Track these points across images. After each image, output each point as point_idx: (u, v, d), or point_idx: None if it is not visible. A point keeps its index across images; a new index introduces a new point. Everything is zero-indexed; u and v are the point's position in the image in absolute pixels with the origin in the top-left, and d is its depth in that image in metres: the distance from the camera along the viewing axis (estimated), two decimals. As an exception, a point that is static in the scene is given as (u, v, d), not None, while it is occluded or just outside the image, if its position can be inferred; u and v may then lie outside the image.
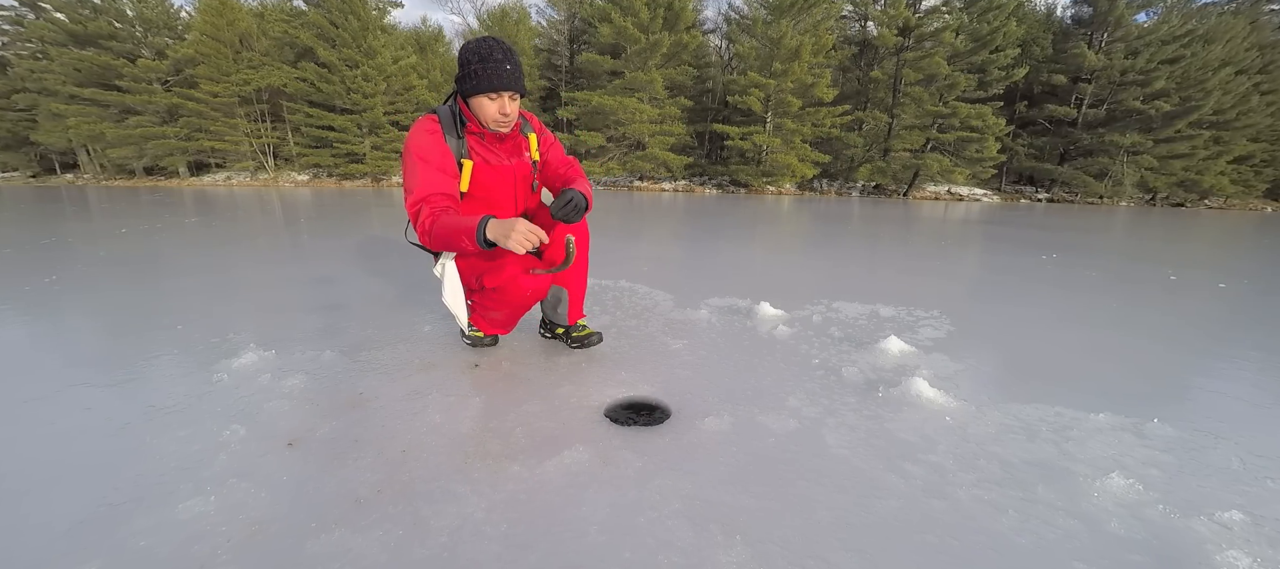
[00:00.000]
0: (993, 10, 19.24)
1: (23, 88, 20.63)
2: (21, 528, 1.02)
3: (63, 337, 2.18)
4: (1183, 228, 9.47)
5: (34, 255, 3.98)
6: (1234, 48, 19.32)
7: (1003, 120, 19.69)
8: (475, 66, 1.57)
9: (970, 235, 6.85)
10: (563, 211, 1.59)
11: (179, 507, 1.07)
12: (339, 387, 1.66)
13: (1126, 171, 20.23)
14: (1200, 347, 2.34)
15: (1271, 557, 0.99)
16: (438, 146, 1.62)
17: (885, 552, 0.99)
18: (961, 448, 1.36)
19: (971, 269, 4.31)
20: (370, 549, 0.97)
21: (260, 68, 18.64)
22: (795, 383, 1.75)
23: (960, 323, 2.51)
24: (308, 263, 3.83)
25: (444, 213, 1.54)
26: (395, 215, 7.53)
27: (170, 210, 8.12)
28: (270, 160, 20.65)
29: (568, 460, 1.26)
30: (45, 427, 1.40)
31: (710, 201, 13.62)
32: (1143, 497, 1.16)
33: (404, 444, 1.33)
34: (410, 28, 23.29)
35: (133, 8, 19.91)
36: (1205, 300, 3.30)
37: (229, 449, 1.29)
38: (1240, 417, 1.60)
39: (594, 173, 20.67)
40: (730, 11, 23.80)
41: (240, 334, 2.13)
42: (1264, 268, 4.68)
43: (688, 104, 21.03)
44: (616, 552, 0.98)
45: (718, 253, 4.59)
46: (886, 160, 20.63)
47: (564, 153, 1.92)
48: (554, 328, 2.10)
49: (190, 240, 4.87)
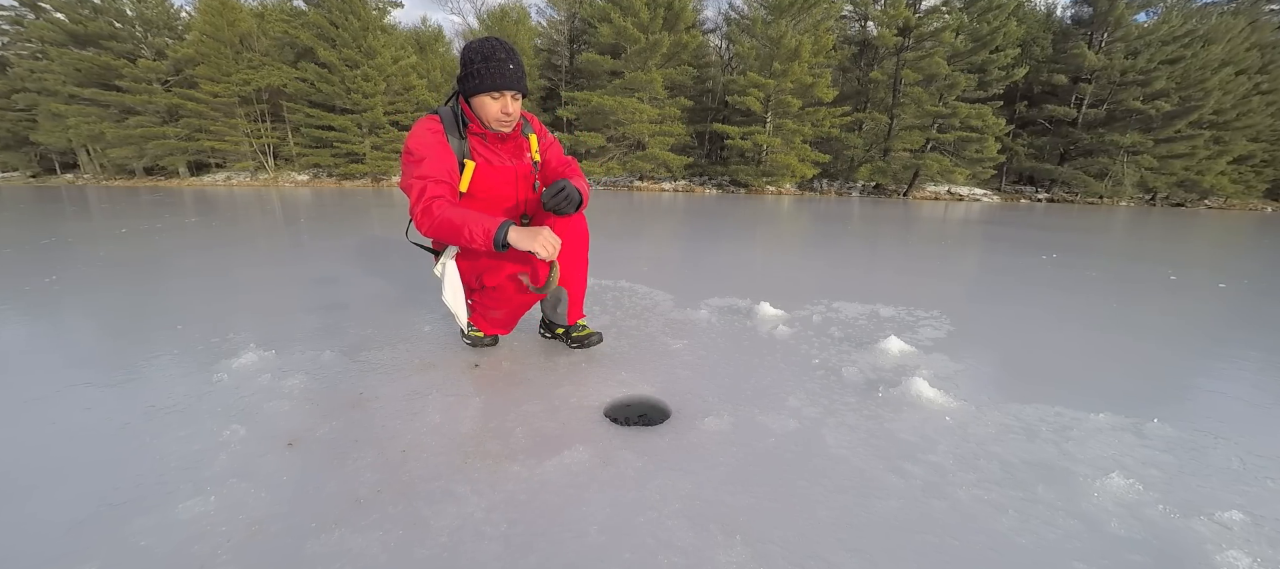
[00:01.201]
0: (993, 10, 19.24)
1: (23, 88, 20.64)
2: (22, 528, 1.02)
3: (63, 337, 2.18)
4: (1183, 228, 9.47)
5: (34, 255, 3.98)
6: (1234, 48, 19.32)
7: (1003, 120, 19.70)
8: (478, 66, 1.57)
9: (970, 235, 6.85)
10: (554, 201, 1.60)
11: (179, 507, 1.07)
12: (339, 387, 1.66)
13: (1126, 171, 20.24)
14: (1200, 347, 2.34)
15: (1271, 557, 0.99)
16: (439, 144, 1.62)
17: (885, 552, 0.99)
18: (961, 448, 1.36)
19: (971, 269, 4.31)
20: (370, 549, 0.97)
21: (260, 68, 18.64)
22: (795, 383, 1.75)
23: (960, 323, 2.51)
24: (308, 263, 3.83)
25: (448, 201, 1.54)
26: (395, 216, 7.53)
27: (170, 210, 8.12)
28: (270, 160, 20.65)
29: (568, 460, 1.26)
30: (45, 427, 1.40)
31: (710, 201, 13.62)
32: (1143, 497, 1.16)
33: (404, 444, 1.33)
34: (410, 28, 23.33)
35: (133, 8, 19.91)
36: (1205, 300, 3.30)
37: (229, 449, 1.29)
38: (1240, 417, 1.60)
39: (594, 173, 20.67)
40: (730, 11, 23.82)
41: (240, 334, 2.13)
42: (1264, 268, 4.68)
43: (688, 104, 21.03)
44: (616, 552, 0.98)
45: (718, 253, 4.59)
46: (886, 160, 20.63)
47: (563, 153, 1.92)
48: (554, 328, 2.10)
49: (190, 240, 4.86)
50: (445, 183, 1.58)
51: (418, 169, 1.57)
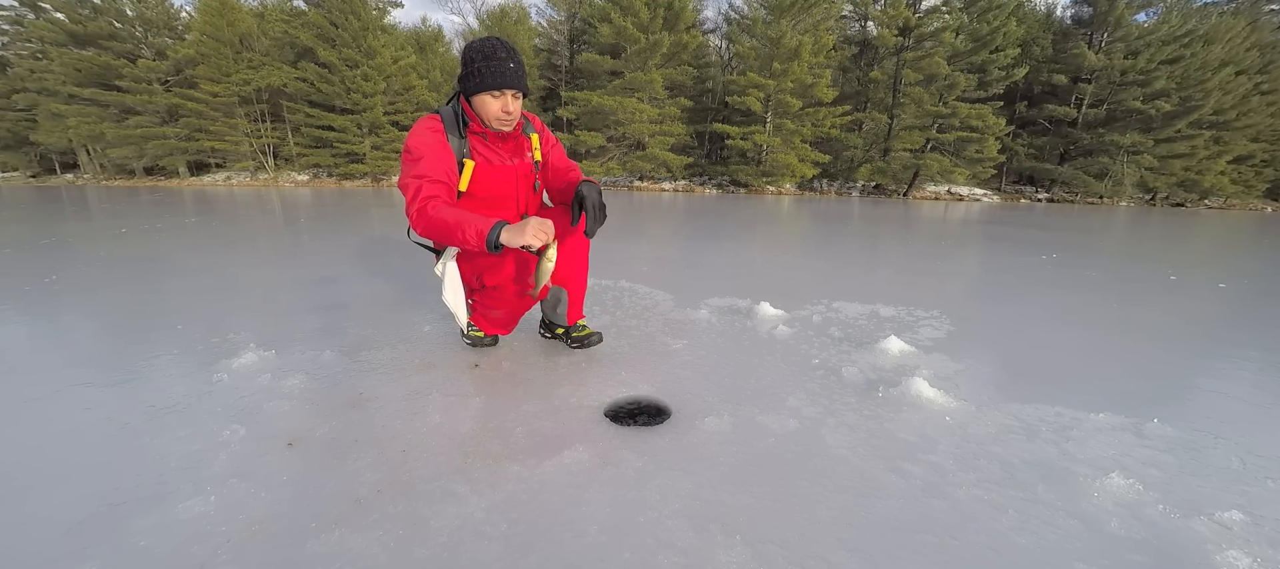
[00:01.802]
0: (993, 10, 19.24)
1: (23, 88, 20.64)
2: (22, 528, 1.02)
3: (63, 337, 2.18)
4: (1183, 228, 9.47)
5: (34, 255, 3.98)
6: (1234, 48, 19.31)
7: (1003, 120, 19.69)
8: (479, 65, 1.57)
9: (970, 235, 6.85)
10: (594, 223, 1.66)
11: (179, 507, 1.07)
12: (339, 387, 1.66)
13: (1126, 171, 20.23)
14: (1200, 347, 2.34)
15: (1271, 557, 0.99)
16: (439, 143, 1.62)
17: (885, 552, 0.99)
18: (961, 448, 1.36)
19: (971, 269, 4.31)
20: (370, 549, 0.97)
21: (260, 68, 18.64)
22: (795, 383, 1.75)
23: (960, 323, 2.51)
24: (308, 263, 3.83)
25: (443, 202, 1.54)
26: (395, 215, 7.53)
27: (170, 210, 8.12)
28: (270, 160, 20.65)
29: (568, 460, 1.26)
30: (45, 427, 1.40)
31: (710, 201, 13.62)
32: (1143, 497, 1.16)
33: (404, 444, 1.33)
34: (410, 28, 23.31)
35: (133, 8, 19.91)
36: (1205, 300, 3.30)
37: (229, 449, 1.29)
38: (1240, 417, 1.60)
39: (594, 173, 20.63)
40: (730, 11, 23.82)
41: (240, 334, 2.13)
42: (1264, 268, 4.68)
43: (688, 104, 21.03)
44: (616, 552, 0.98)
45: (718, 253, 4.59)
46: (886, 160, 20.63)
47: (565, 154, 1.92)
48: (554, 328, 2.10)
49: (190, 240, 4.86)
50: (442, 183, 1.57)
51: (415, 168, 1.56)
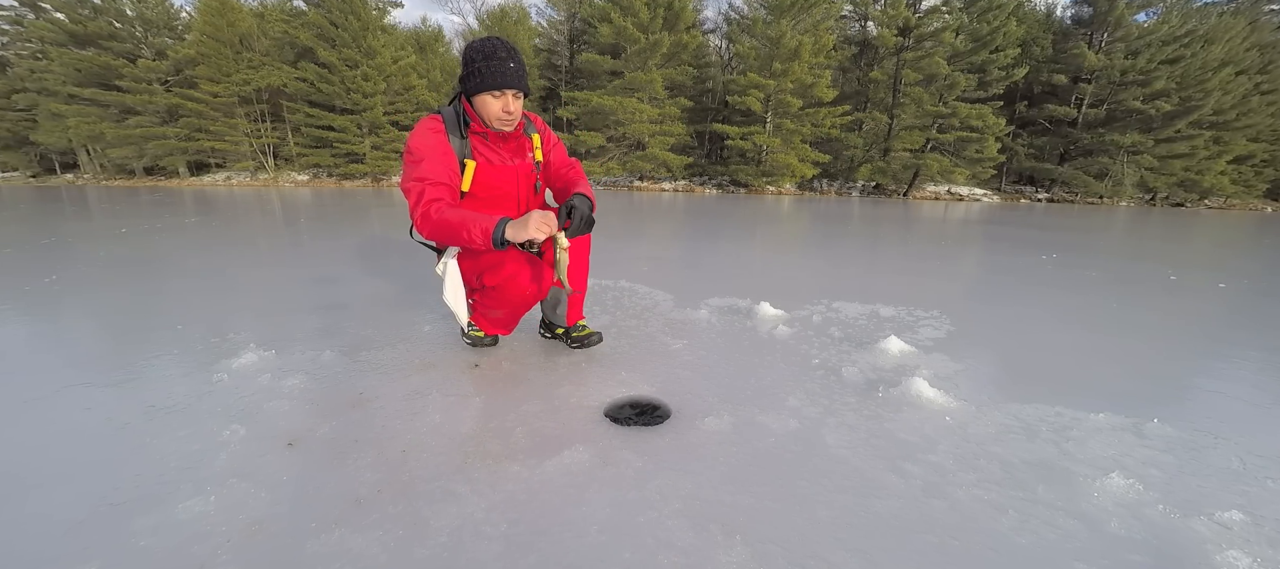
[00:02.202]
0: (993, 10, 19.23)
1: (23, 88, 20.65)
2: (22, 528, 1.02)
3: (63, 337, 2.18)
4: (1183, 228, 9.47)
5: (34, 255, 3.98)
6: (1234, 48, 19.31)
7: (1003, 120, 19.68)
8: (479, 65, 1.58)
9: (970, 235, 6.85)
10: (578, 229, 1.67)
11: (179, 507, 1.07)
12: (339, 387, 1.66)
13: (1126, 171, 20.23)
14: (1200, 347, 2.34)
15: (1271, 557, 0.99)
16: (440, 144, 1.62)
17: (885, 552, 0.99)
18: (961, 448, 1.36)
19: (971, 269, 4.31)
20: (370, 549, 0.97)
21: (260, 68, 18.64)
22: (795, 383, 1.75)
23: (960, 323, 2.51)
24: (308, 263, 3.83)
25: (446, 204, 1.55)
26: (395, 215, 7.53)
27: (170, 210, 8.12)
28: (270, 160, 20.65)
29: (568, 460, 1.26)
30: (45, 427, 1.40)
31: (710, 201, 13.62)
32: (1143, 497, 1.16)
33: (404, 444, 1.33)
34: (410, 28, 23.31)
35: (133, 8, 19.91)
36: (1205, 300, 3.30)
37: (229, 449, 1.29)
38: (1240, 417, 1.60)
39: (594, 173, 20.67)
40: (730, 11, 23.83)
41: (240, 334, 2.13)
42: (1264, 268, 4.68)
43: (688, 104, 21.02)
44: (616, 552, 0.98)
45: (718, 253, 4.59)
46: (886, 160, 20.62)
47: (567, 155, 1.92)
48: (554, 328, 2.10)
49: (190, 240, 4.86)
50: (444, 184, 1.58)
51: (417, 170, 1.57)
